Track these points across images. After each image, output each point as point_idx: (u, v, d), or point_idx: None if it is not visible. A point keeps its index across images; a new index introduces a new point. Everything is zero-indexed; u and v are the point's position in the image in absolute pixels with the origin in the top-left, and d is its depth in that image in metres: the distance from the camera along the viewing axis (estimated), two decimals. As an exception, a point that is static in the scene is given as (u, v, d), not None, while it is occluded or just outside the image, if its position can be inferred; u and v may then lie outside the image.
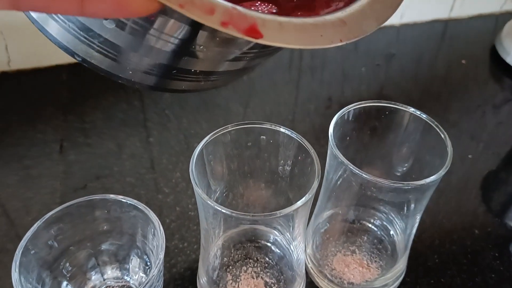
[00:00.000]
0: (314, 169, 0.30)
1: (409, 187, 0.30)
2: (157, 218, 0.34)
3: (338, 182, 0.35)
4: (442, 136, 0.33)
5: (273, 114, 0.58)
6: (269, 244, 0.41)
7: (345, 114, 0.35)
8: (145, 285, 0.30)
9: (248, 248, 0.41)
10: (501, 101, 0.62)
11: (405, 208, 0.34)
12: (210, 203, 0.28)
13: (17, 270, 0.30)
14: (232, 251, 0.40)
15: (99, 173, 0.49)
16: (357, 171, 0.30)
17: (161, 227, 0.33)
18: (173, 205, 0.47)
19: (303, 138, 0.32)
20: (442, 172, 0.30)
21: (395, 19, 0.73)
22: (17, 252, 0.31)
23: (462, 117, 0.59)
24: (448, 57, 0.69)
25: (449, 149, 0.32)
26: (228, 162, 0.35)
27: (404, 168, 0.36)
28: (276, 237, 0.40)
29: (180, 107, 0.58)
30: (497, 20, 0.76)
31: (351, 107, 0.35)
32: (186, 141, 0.54)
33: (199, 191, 0.29)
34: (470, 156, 0.53)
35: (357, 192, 0.34)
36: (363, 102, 0.35)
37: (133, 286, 0.38)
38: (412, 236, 0.38)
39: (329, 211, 0.40)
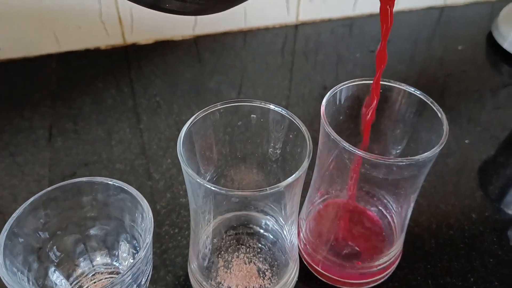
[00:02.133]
0: (306, 148, 0.29)
1: (404, 163, 0.28)
2: (145, 200, 0.32)
3: (331, 164, 0.34)
4: (438, 113, 0.31)
5: (266, 99, 0.56)
6: (261, 230, 0.40)
7: (337, 92, 0.33)
8: (131, 268, 0.29)
9: (240, 234, 0.39)
10: (498, 86, 0.61)
11: (400, 188, 0.33)
12: (199, 181, 0.27)
13: (1, 253, 0.29)
14: (224, 237, 0.39)
15: (87, 160, 0.48)
16: (349, 148, 0.29)
17: (149, 209, 0.32)
18: (164, 191, 0.46)
19: (294, 115, 0.31)
20: (437, 149, 0.29)
21: (390, 5, 0.72)
22: (1, 234, 0.30)
23: (459, 101, 0.58)
24: (444, 43, 0.68)
25: (445, 126, 0.31)
26: (217, 142, 0.33)
27: (399, 146, 0.34)
28: (268, 222, 0.39)
29: (171, 93, 0.57)
30: (493, 7, 0.75)
31: (344, 85, 0.34)
32: (177, 126, 0.52)
33: (188, 170, 0.28)
34: (467, 141, 0.52)
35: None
36: (355, 80, 0.34)
37: (122, 271, 0.37)
38: (408, 218, 0.37)
39: (323, 195, 0.39)
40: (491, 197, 0.47)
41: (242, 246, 0.39)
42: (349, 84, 0.34)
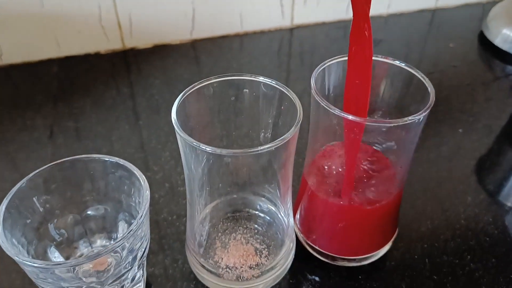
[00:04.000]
0: (296, 114, 0.30)
1: (392, 125, 0.29)
2: (140, 172, 0.33)
3: (323, 136, 0.35)
4: (424, 81, 0.32)
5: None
6: (257, 212, 0.40)
7: (325, 67, 0.34)
8: (127, 234, 0.30)
9: (237, 217, 0.40)
10: (489, 79, 0.62)
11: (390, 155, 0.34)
12: (195, 144, 0.28)
13: (1, 223, 0.30)
14: (221, 220, 0.40)
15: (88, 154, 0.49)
16: (339, 113, 0.30)
17: (145, 180, 0.33)
18: (162, 181, 0.46)
19: (284, 86, 0.32)
20: (423, 113, 0.30)
21: (382, 9, 0.74)
22: (1, 206, 0.31)
23: (451, 94, 0.59)
24: (436, 42, 0.70)
25: (431, 91, 0.31)
26: (211, 116, 0.34)
27: (388, 118, 0.35)
28: (263, 204, 0.40)
29: (170, 92, 0.58)
30: (484, 9, 0.77)
31: (333, 59, 0.35)
32: (175, 122, 0.53)
33: (182, 134, 0.28)
34: (460, 130, 0.53)
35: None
36: (343, 55, 0.35)
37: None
38: (401, 194, 0.37)
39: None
40: (485, 181, 0.47)
41: (239, 228, 0.39)
42: (339, 59, 0.35)
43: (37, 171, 0.33)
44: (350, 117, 0.29)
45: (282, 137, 0.28)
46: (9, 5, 0.57)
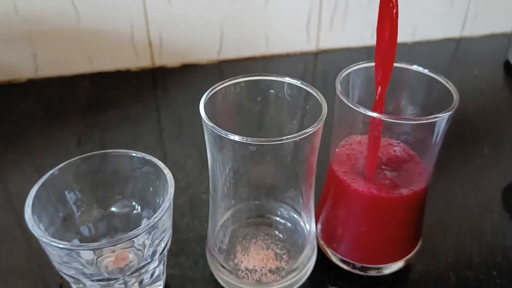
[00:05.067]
0: (321, 110, 0.30)
1: (417, 122, 0.29)
2: (166, 168, 0.34)
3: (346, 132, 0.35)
4: (448, 86, 0.33)
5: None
6: (278, 219, 0.40)
7: (351, 72, 0.35)
8: (150, 223, 0.30)
9: (258, 222, 0.40)
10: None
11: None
12: (224, 133, 0.28)
13: (30, 207, 0.31)
14: (242, 225, 0.40)
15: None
16: (363, 110, 0.30)
17: (171, 176, 0.33)
18: (185, 188, 0.47)
19: (310, 86, 0.33)
20: (448, 113, 0.30)
21: (407, 37, 0.75)
22: (31, 192, 0.32)
23: (476, 118, 0.58)
24: (461, 70, 0.70)
25: (455, 95, 0.32)
26: (238, 114, 0.35)
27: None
28: (285, 211, 0.40)
29: (194, 108, 0.58)
30: (509, 39, 0.78)
31: (355, 65, 0.35)
32: (199, 135, 0.54)
33: (209, 123, 0.29)
34: (486, 150, 0.53)
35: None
36: (365, 61, 0.36)
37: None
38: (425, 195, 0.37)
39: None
40: (511, 199, 0.46)
41: (260, 233, 0.39)
42: (361, 65, 0.35)
43: (68, 161, 0.34)
44: (375, 114, 0.30)
45: (306, 129, 0.28)
46: (47, 19, 0.60)
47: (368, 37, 0.73)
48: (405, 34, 0.75)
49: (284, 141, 0.28)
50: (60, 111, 0.59)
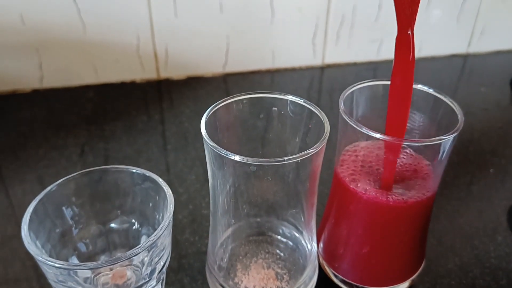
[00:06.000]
0: (323, 129, 0.30)
1: (422, 144, 0.29)
2: (166, 185, 0.34)
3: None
4: (452, 106, 0.32)
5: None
6: (280, 237, 0.40)
7: (354, 91, 0.35)
8: (149, 241, 0.30)
9: (259, 240, 0.40)
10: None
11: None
12: (223, 153, 0.28)
13: (27, 223, 0.30)
14: (243, 242, 0.39)
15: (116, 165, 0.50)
16: (366, 131, 0.30)
17: (171, 193, 0.33)
18: (186, 203, 0.47)
19: (312, 104, 0.33)
20: (452, 135, 0.30)
21: (413, 53, 0.75)
22: (29, 207, 0.31)
23: (482, 137, 0.58)
24: (467, 86, 0.70)
25: (460, 116, 0.31)
26: (240, 132, 0.35)
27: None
28: (287, 229, 0.39)
29: (199, 121, 0.59)
30: (516, 57, 0.77)
31: (358, 84, 0.35)
32: (203, 149, 0.54)
33: (209, 142, 0.29)
34: (491, 170, 0.52)
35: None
36: (369, 80, 0.35)
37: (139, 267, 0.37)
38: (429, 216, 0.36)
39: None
40: (517, 222, 0.46)
41: (261, 252, 0.39)
42: (364, 84, 0.35)
43: (67, 177, 0.34)
44: (378, 135, 0.29)
45: (308, 150, 0.28)
46: (53, 30, 0.60)
47: (374, 53, 0.73)
48: (411, 50, 0.74)
49: (285, 162, 0.27)
50: (64, 121, 0.59)
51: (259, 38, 0.67)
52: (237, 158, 0.27)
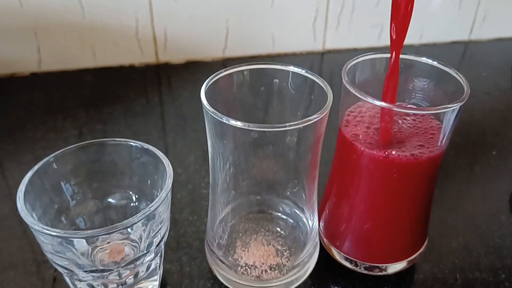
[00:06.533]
0: (326, 99, 0.29)
1: (427, 112, 0.28)
2: (165, 157, 0.33)
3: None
4: (458, 77, 0.32)
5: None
6: (280, 214, 0.39)
7: (358, 63, 0.34)
8: (146, 212, 0.29)
9: (259, 218, 0.39)
10: (525, 108, 0.61)
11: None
12: (224, 120, 0.27)
13: (23, 193, 0.30)
14: (243, 220, 0.39)
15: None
16: (371, 100, 0.29)
17: (170, 166, 0.32)
18: (185, 183, 0.46)
19: (314, 74, 0.32)
20: (458, 104, 0.29)
21: (414, 39, 0.74)
22: (25, 178, 0.31)
23: (485, 119, 0.57)
24: (469, 72, 0.69)
25: (465, 86, 0.31)
26: (240, 103, 0.34)
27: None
28: (287, 207, 0.39)
29: (198, 103, 0.58)
30: (518, 43, 0.77)
31: (362, 56, 0.34)
32: (203, 131, 0.53)
33: (209, 109, 0.28)
34: (494, 152, 0.52)
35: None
36: (372, 53, 0.35)
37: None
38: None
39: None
40: (521, 202, 0.45)
41: (261, 229, 0.38)
42: (367, 57, 0.34)
43: (65, 149, 0.33)
44: (384, 104, 0.29)
45: (311, 117, 0.27)
46: (52, 13, 0.59)
47: (375, 38, 0.72)
48: (412, 36, 0.74)
49: (287, 128, 0.27)
50: (62, 104, 0.58)
51: (259, 22, 0.67)
52: (238, 124, 0.27)
